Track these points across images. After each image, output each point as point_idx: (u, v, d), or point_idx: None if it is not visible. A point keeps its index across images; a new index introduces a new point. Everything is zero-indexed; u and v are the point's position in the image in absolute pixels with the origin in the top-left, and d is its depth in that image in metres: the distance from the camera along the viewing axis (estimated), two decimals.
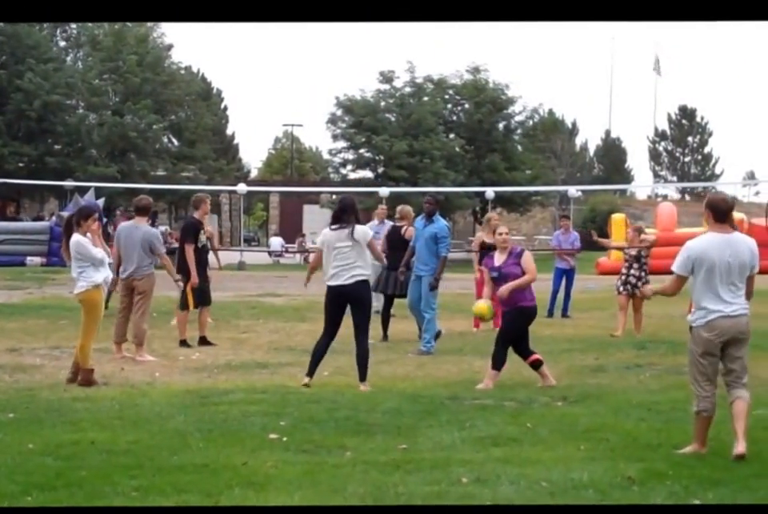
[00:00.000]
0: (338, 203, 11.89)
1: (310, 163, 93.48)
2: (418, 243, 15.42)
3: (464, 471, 7.63)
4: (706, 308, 8.22)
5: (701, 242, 8.30)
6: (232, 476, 7.44)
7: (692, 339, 8.34)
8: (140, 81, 51.34)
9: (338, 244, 11.41)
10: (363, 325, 11.61)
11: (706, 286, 8.21)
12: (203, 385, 11.73)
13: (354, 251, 11.39)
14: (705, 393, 8.27)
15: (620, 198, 70.43)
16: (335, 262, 11.42)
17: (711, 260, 8.14)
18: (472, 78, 55.77)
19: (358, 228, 11.49)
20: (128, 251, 14.06)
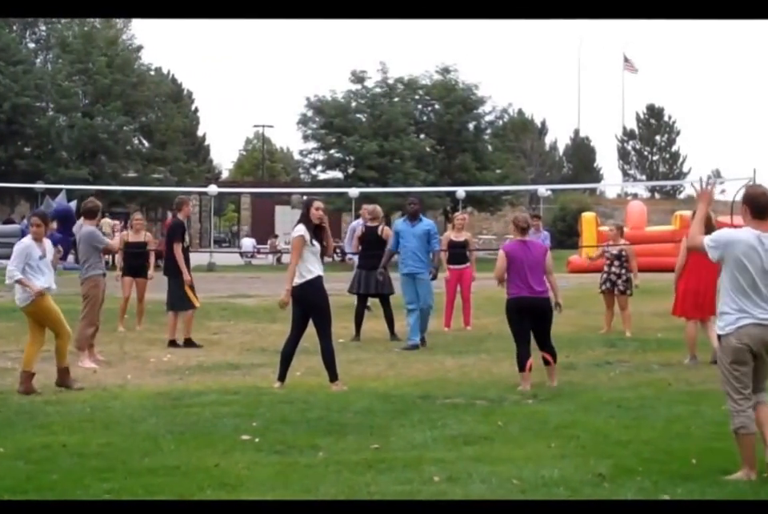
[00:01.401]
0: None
1: (281, 164, 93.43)
2: (408, 243, 15.62)
3: (436, 470, 7.66)
4: (734, 312, 7.53)
5: (731, 232, 7.73)
6: (204, 478, 7.44)
7: (721, 348, 7.68)
8: (110, 82, 51.16)
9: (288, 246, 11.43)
10: (323, 326, 11.53)
11: (735, 284, 7.52)
12: (175, 387, 11.72)
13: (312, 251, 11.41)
14: (739, 407, 7.48)
15: (589, 196, 70.63)
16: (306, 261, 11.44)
17: (739, 256, 7.45)
18: (442, 78, 55.88)
19: (295, 229, 11.47)
20: (79, 255, 13.93)
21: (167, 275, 15.64)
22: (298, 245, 11.35)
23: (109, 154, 51.00)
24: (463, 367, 13.26)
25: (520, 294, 11.56)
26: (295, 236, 11.41)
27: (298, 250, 11.33)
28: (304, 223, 11.46)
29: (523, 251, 11.67)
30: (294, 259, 11.34)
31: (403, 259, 15.70)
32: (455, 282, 18.08)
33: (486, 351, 14.80)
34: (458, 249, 18.16)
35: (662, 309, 21.28)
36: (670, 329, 17.59)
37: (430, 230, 15.87)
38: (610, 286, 17.19)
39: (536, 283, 11.55)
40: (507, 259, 11.61)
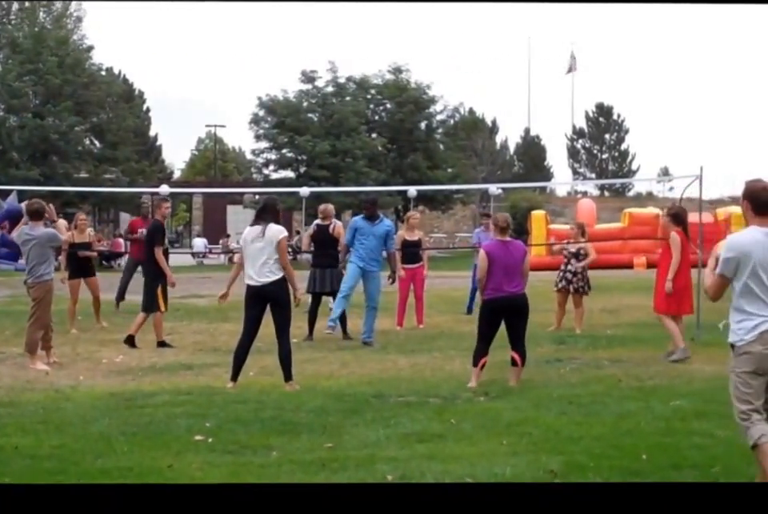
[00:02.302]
0: (261, 203, 12.02)
1: (233, 164, 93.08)
2: (367, 241, 15.77)
3: (389, 469, 7.70)
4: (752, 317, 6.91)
5: (743, 237, 7.07)
6: (157, 479, 7.43)
7: (737, 359, 6.94)
8: (60, 82, 50.83)
9: (253, 243, 11.42)
10: (284, 325, 11.55)
11: (748, 289, 6.93)
12: (127, 388, 11.69)
13: (266, 251, 11.36)
14: (751, 418, 6.87)
15: (540, 195, 70.89)
16: (252, 261, 11.45)
17: (754, 258, 6.90)
18: (393, 78, 55.98)
19: (271, 227, 11.46)
20: (26, 259, 13.76)
21: (145, 276, 15.66)
22: (286, 245, 11.52)
23: (60, 154, 50.68)
24: (416, 366, 13.30)
25: (498, 294, 11.61)
26: (284, 236, 11.46)
27: (286, 251, 11.53)
28: (277, 223, 11.57)
29: (503, 251, 11.70)
30: (286, 258, 11.47)
31: (358, 255, 15.76)
32: (408, 281, 18.13)
33: (439, 349, 14.86)
34: (412, 248, 18.22)
35: (611, 306, 21.50)
36: (619, 326, 17.77)
37: (389, 231, 16.10)
38: (566, 284, 17.29)
39: (514, 283, 11.61)
40: (488, 259, 11.65)
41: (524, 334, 11.89)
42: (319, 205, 16.67)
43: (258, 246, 11.39)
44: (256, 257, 11.39)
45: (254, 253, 11.42)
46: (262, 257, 11.37)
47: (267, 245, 11.36)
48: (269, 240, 11.36)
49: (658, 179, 79.69)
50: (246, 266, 11.55)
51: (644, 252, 38.83)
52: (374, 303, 15.86)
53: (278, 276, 11.37)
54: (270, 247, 11.35)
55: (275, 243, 11.36)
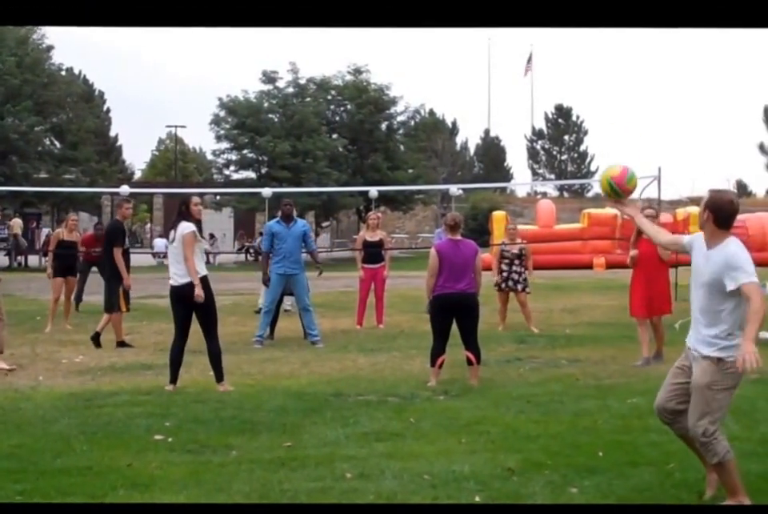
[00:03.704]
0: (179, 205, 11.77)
1: (194, 164, 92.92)
2: (285, 244, 15.74)
3: (348, 467, 7.74)
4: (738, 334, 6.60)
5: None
6: (117, 478, 7.44)
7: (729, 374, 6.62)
8: (20, 82, 50.47)
9: (170, 243, 11.38)
10: (208, 325, 11.42)
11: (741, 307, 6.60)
12: (87, 388, 11.67)
13: (178, 250, 11.28)
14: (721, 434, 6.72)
15: (500, 195, 71.21)
16: (170, 261, 11.43)
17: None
18: (353, 79, 56.04)
19: (180, 226, 11.31)
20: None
21: (104, 276, 15.69)
22: (192, 241, 11.20)
23: (20, 154, 50.32)
24: (375, 365, 13.35)
25: (446, 291, 11.67)
26: (187, 232, 11.20)
27: (191, 246, 11.18)
28: (187, 220, 11.36)
29: (453, 250, 11.77)
30: (191, 254, 11.17)
31: (278, 259, 15.78)
32: (369, 281, 18.19)
33: (398, 348, 14.92)
34: (373, 248, 18.26)
35: (570, 305, 21.66)
36: (577, 325, 17.90)
37: (306, 230, 16.16)
38: (512, 284, 17.43)
39: (463, 282, 11.66)
40: (438, 257, 11.72)
41: (475, 332, 11.92)
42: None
43: (173, 246, 11.33)
44: (172, 258, 11.36)
45: (170, 255, 11.40)
46: (176, 257, 11.30)
47: (179, 244, 11.25)
48: (179, 239, 11.26)
49: None
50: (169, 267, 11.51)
51: (603, 252, 39.07)
52: (304, 305, 15.84)
53: (186, 279, 11.21)
54: (180, 245, 11.24)
55: (182, 241, 11.24)
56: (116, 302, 15.31)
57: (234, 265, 48.52)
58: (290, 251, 15.73)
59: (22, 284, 29.12)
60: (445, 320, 11.79)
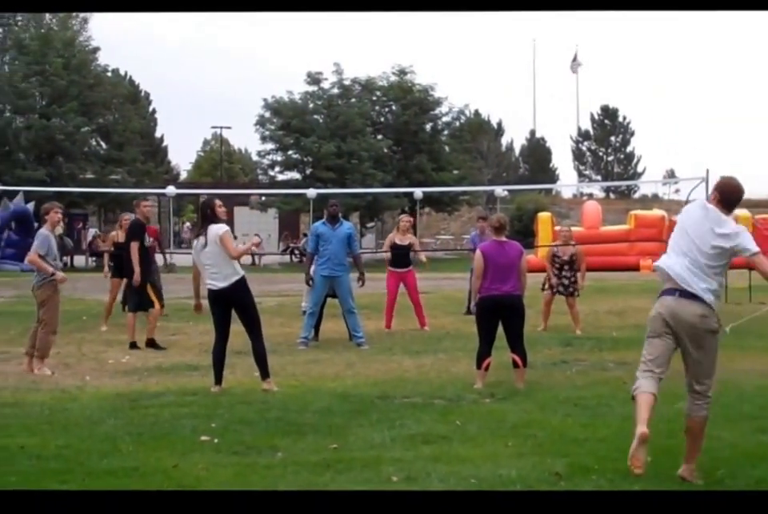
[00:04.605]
0: (201, 207, 11.81)
1: (239, 165, 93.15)
2: (331, 246, 15.70)
3: (394, 470, 7.70)
4: None
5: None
6: (162, 479, 7.44)
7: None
8: (66, 84, 50.78)
9: (203, 250, 11.33)
10: (252, 325, 11.51)
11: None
12: (133, 388, 11.71)
13: (214, 253, 11.26)
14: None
15: (546, 197, 70.87)
16: (206, 265, 11.39)
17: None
18: (398, 79, 55.99)
19: (211, 228, 11.33)
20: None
21: (127, 276, 15.75)
22: (230, 237, 11.35)
23: (66, 155, 50.65)
24: (421, 367, 13.30)
25: (492, 293, 11.62)
26: (223, 232, 11.26)
27: (232, 242, 11.31)
28: (216, 222, 11.40)
29: (498, 252, 11.73)
30: (236, 250, 11.33)
31: (323, 261, 15.75)
32: (396, 284, 18.10)
33: (444, 350, 14.87)
34: (402, 252, 18.14)
35: (616, 307, 21.51)
36: (624, 327, 17.75)
37: (351, 233, 16.06)
38: (563, 289, 17.34)
39: (509, 283, 11.61)
40: (483, 259, 11.68)
41: (521, 335, 11.89)
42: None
43: (206, 251, 11.30)
44: (208, 262, 11.33)
45: (205, 259, 11.35)
46: (213, 260, 11.30)
47: (215, 246, 11.25)
48: (212, 241, 11.26)
49: (664, 181, 79.69)
50: (203, 273, 11.51)
51: (650, 254, 38.80)
52: (349, 307, 15.82)
53: (236, 278, 11.31)
54: (216, 248, 11.25)
55: (218, 242, 11.24)
56: (147, 300, 15.32)
57: (279, 266, 48.57)
58: (335, 253, 15.69)
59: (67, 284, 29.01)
60: (491, 322, 11.73)
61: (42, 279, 13.33)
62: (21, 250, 43.14)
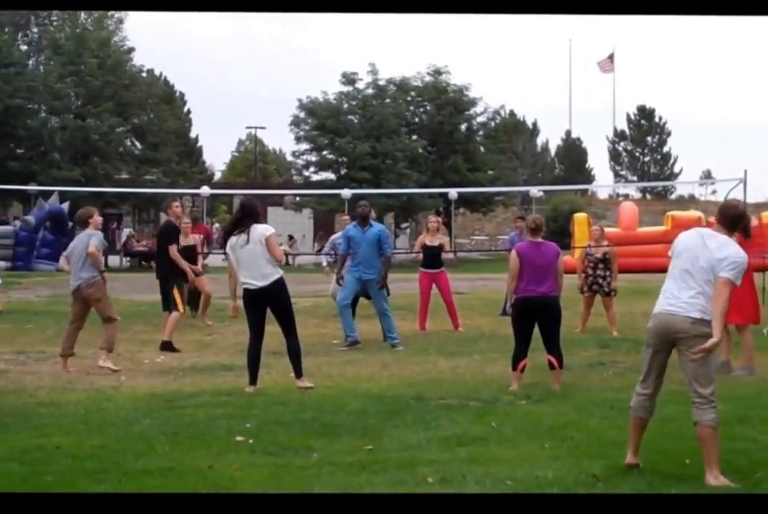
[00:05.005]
0: (239, 208, 11.84)
1: (273, 165, 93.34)
2: (361, 249, 15.67)
3: (430, 471, 7.67)
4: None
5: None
6: (198, 479, 7.45)
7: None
8: (101, 84, 51.02)
9: (242, 248, 11.36)
10: (288, 324, 11.61)
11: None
12: (169, 388, 11.72)
13: (256, 253, 11.30)
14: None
15: (581, 197, 70.68)
16: (245, 266, 11.41)
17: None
18: (433, 79, 55.93)
19: (256, 228, 11.40)
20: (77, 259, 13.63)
21: (160, 277, 15.78)
22: (277, 240, 11.55)
23: (101, 155, 50.88)
24: (456, 368, 13.26)
25: (528, 294, 11.57)
26: (272, 232, 11.43)
27: (277, 245, 11.49)
28: (259, 222, 11.55)
29: (534, 252, 11.68)
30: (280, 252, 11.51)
31: (355, 263, 15.75)
32: (429, 285, 18.04)
33: (480, 351, 14.82)
34: (432, 253, 18.08)
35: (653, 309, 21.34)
36: None
37: (381, 235, 15.88)
38: (597, 288, 17.27)
39: (545, 285, 11.56)
40: (519, 260, 11.63)
41: (557, 336, 11.84)
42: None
43: (247, 248, 11.33)
44: (248, 261, 11.36)
45: (244, 258, 11.37)
46: (254, 259, 11.34)
47: (257, 246, 11.31)
48: (256, 240, 11.32)
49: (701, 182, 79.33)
50: (240, 272, 11.53)
51: None
52: (382, 309, 15.82)
53: (276, 276, 11.39)
54: (259, 247, 11.31)
55: (264, 243, 11.32)
56: (172, 302, 15.32)
57: (314, 267, 48.59)
58: (365, 257, 15.63)
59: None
60: (526, 324, 11.68)
61: (92, 277, 13.37)
62: (56, 250, 43.43)
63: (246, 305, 11.63)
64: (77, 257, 13.46)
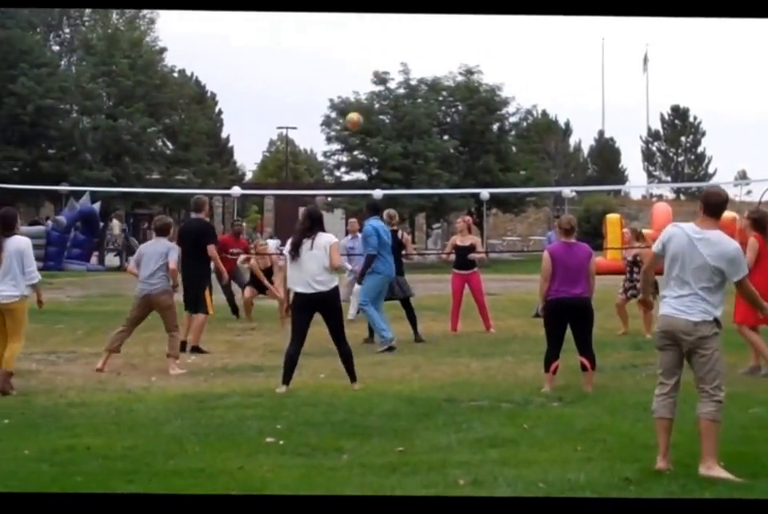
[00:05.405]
0: (307, 215, 11.93)
1: (304, 166, 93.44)
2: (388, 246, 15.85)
3: (461, 473, 7.64)
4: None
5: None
6: (228, 480, 7.44)
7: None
8: (133, 84, 51.19)
9: (306, 253, 11.45)
10: (339, 329, 11.75)
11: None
12: (199, 389, 11.72)
13: (318, 258, 11.42)
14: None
15: (614, 198, 70.41)
16: (304, 269, 11.46)
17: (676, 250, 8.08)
18: (465, 79, 55.85)
19: (322, 235, 11.57)
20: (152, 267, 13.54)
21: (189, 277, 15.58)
22: (339, 250, 11.92)
23: (133, 155, 51.07)
24: (488, 370, 13.21)
25: (560, 296, 11.50)
26: (336, 241, 11.76)
27: (339, 255, 11.88)
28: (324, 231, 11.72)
29: (567, 253, 11.61)
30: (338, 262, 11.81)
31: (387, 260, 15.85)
32: (461, 286, 17.97)
33: (511, 353, 14.75)
34: (464, 253, 18.02)
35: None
36: None
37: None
38: (635, 292, 17.10)
39: (578, 286, 11.49)
40: (552, 261, 11.56)
41: (590, 338, 11.77)
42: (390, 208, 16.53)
43: (310, 254, 11.43)
44: (307, 266, 11.43)
45: (305, 262, 11.44)
46: (318, 265, 11.43)
47: (321, 252, 11.46)
48: (321, 247, 11.47)
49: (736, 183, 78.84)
50: (295, 276, 11.57)
51: None
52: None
53: (334, 284, 11.58)
54: (323, 254, 11.44)
55: (327, 249, 11.49)
56: (202, 303, 15.18)
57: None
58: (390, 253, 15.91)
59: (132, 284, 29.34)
60: (559, 325, 11.61)
61: (166, 285, 13.40)
62: (87, 250, 43.65)
63: (296, 308, 11.70)
64: (151, 263, 13.37)
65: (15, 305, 11.59)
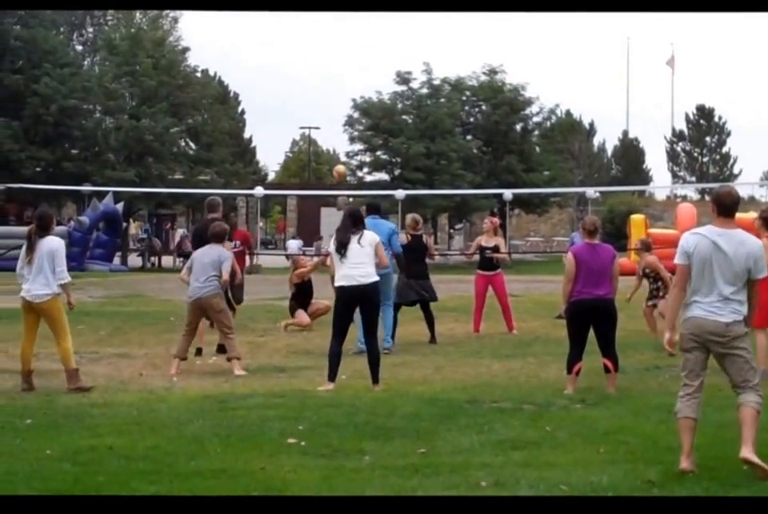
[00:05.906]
0: (349, 214, 12.25)
1: (327, 166, 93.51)
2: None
3: (483, 475, 7.61)
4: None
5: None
6: (250, 481, 7.43)
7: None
8: (156, 84, 51.23)
9: (351, 247, 11.72)
10: (373, 326, 11.97)
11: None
12: (221, 390, 11.72)
13: (366, 253, 11.74)
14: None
15: (638, 198, 70.17)
16: (350, 263, 11.67)
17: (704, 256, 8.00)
18: (488, 79, 55.77)
19: (366, 233, 11.95)
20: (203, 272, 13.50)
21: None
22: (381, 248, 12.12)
23: (155, 155, 51.11)
24: (510, 371, 13.17)
25: (584, 297, 11.45)
26: (380, 240, 12.18)
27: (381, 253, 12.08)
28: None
29: (591, 255, 11.57)
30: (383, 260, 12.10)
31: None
32: (484, 287, 17.92)
33: (534, 354, 14.71)
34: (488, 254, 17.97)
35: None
36: None
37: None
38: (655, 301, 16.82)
39: (602, 287, 11.44)
40: (575, 262, 11.52)
41: (613, 339, 11.74)
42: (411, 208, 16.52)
43: (357, 248, 11.74)
44: (356, 259, 11.69)
45: (353, 256, 11.70)
46: (363, 259, 11.72)
47: (368, 248, 11.80)
48: (368, 244, 11.82)
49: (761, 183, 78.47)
50: (342, 270, 11.72)
51: None
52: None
53: (376, 278, 11.82)
54: (370, 250, 11.80)
55: (374, 246, 11.89)
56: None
57: None
58: None
59: (154, 285, 29.52)
60: (582, 327, 11.56)
61: (217, 287, 13.35)
62: (110, 251, 43.74)
63: (341, 303, 11.84)
64: (204, 270, 13.33)
65: (48, 304, 11.74)
